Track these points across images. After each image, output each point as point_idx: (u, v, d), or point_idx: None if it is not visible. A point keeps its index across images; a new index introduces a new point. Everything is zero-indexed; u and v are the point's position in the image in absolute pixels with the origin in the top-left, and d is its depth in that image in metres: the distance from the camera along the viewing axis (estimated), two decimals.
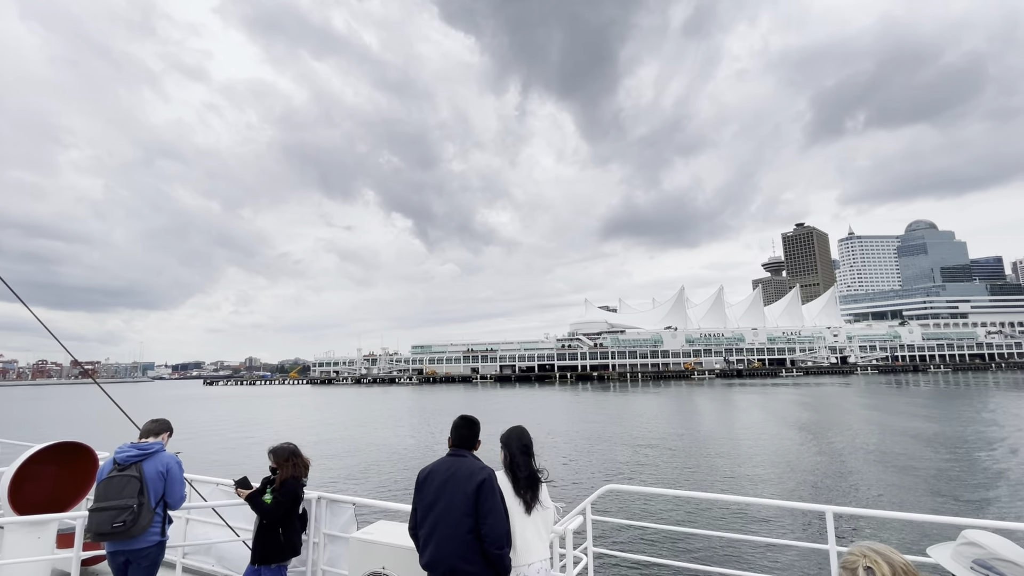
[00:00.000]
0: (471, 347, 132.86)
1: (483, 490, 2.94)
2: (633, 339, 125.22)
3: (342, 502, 4.62)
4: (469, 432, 3.28)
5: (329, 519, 4.60)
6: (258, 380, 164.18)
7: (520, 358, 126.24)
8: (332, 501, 4.62)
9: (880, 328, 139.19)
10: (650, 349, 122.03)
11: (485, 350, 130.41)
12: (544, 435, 27.43)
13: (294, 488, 4.00)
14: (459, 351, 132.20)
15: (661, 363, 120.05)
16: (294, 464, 4.05)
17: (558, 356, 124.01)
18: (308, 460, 4.23)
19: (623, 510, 12.58)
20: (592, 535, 4.18)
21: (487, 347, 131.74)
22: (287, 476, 4.00)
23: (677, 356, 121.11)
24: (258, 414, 50.65)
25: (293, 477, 4.02)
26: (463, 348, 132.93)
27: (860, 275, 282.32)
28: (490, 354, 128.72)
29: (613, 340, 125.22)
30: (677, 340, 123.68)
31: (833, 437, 25.10)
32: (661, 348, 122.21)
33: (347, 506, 4.63)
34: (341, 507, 4.64)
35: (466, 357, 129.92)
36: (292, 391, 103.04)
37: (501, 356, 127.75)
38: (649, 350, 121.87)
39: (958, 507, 13.01)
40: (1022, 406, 37.38)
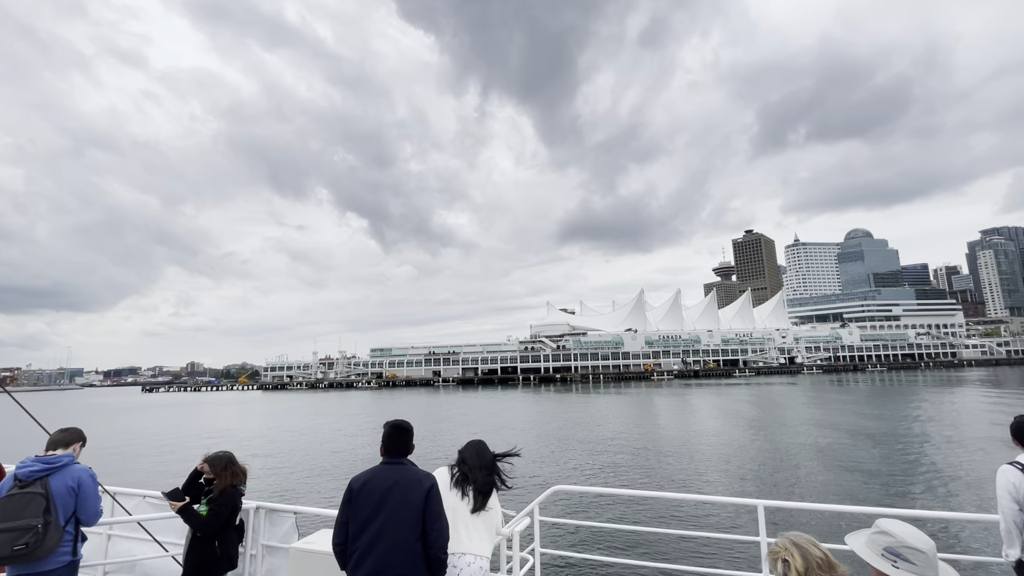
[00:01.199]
0: (432, 350, 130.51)
1: (431, 496, 2.94)
2: (595, 341, 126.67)
3: (283, 511, 4.47)
4: (402, 440, 3.17)
5: (268, 529, 4.44)
6: (204, 386, 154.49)
7: (483, 360, 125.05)
8: (272, 511, 4.46)
9: (823, 330, 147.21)
10: (611, 351, 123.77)
11: (447, 353, 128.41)
12: (501, 439, 26.74)
13: (233, 498, 3.80)
14: (420, 354, 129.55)
15: (622, 364, 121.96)
16: (232, 473, 3.88)
17: (521, 358, 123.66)
18: (245, 468, 4.03)
19: (571, 511, 12.71)
20: (540, 536, 4.24)
21: (449, 349, 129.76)
22: (225, 485, 3.80)
23: (637, 357, 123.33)
24: (202, 422, 47.28)
25: (232, 486, 3.83)
26: (424, 351, 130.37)
27: (805, 279, 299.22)
28: (452, 357, 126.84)
29: (575, 342, 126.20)
30: (637, 342, 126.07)
31: (776, 435, 25.95)
32: (622, 350, 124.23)
33: (288, 515, 4.48)
34: (281, 516, 4.49)
35: (427, 360, 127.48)
36: (242, 397, 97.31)
37: (463, 359, 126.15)
38: (610, 352, 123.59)
39: (877, 497, 13.73)
40: (945, 403, 40.00)
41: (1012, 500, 3.22)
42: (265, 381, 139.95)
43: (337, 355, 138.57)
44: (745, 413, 36.60)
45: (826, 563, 1.76)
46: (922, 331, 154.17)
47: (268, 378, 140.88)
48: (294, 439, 30.90)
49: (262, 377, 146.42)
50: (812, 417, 32.84)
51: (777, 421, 31.76)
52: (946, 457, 18.78)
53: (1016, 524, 3.22)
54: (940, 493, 14.10)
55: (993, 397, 43.70)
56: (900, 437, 23.52)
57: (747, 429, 28.12)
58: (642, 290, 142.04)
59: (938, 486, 14.78)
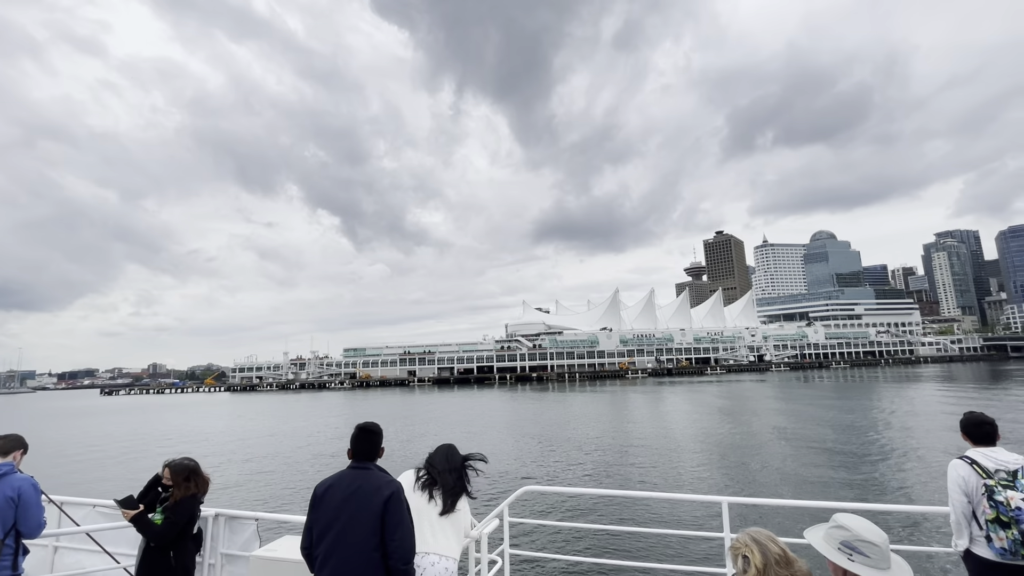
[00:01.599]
0: (407, 349, 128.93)
1: (391, 505, 2.83)
2: (571, 340, 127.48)
3: (243, 518, 4.33)
4: (369, 443, 3.07)
5: (228, 537, 4.29)
6: (167, 388, 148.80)
7: (459, 360, 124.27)
8: (232, 518, 4.31)
9: (790, 328, 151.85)
10: (587, 350, 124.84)
11: (422, 352, 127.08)
12: (475, 438, 26.76)
13: (191, 507, 3.64)
14: (395, 354, 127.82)
15: (597, 363, 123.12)
16: (194, 483, 3.69)
17: (497, 357, 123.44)
18: (209, 478, 3.86)
19: (542, 511, 12.70)
20: (509, 537, 4.22)
21: (424, 349, 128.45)
22: (184, 495, 3.62)
23: (612, 356, 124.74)
24: (168, 425, 45.30)
25: (191, 496, 3.65)
26: (399, 350, 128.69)
27: (773, 279, 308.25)
28: (428, 356, 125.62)
29: (551, 341, 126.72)
30: (612, 341, 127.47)
31: (744, 432, 26.53)
32: (597, 349, 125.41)
33: (249, 522, 4.34)
34: (242, 523, 4.34)
35: (402, 360, 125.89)
36: (208, 399, 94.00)
37: (439, 358, 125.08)
38: (586, 350, 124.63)
39: (835, 492, 14.18)
40: (902, 399, 41.67)
41: (962, 493, 3.39)
42: (233, 382, 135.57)
43: (309, 355, 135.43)
44: (715, 411, 37.29)
45: (784, 559, 1.81)
46: (882, 329, 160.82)
47: (236, 379, 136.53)
48: (261, 442, 29.98)
49: (230, 378, 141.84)
50: (778, 414, 33.67)
51: (745, 419, 32.51)
52: (901, 452, 19.46)
53: (965, 516, 3.40)
54: (894, 487, 14.56)
55: (946, 393, 45.69)
56: (859, 433, 24.28)
57: (716, 427, 28.63)
58: (617, 289, 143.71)
59: (893, 480, 15.28)
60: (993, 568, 3.29)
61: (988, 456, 3.43)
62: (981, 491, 3.32)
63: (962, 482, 3.40)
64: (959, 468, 3.45)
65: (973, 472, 3.38)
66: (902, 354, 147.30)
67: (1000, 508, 3.22)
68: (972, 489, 3.36)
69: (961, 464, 3.46)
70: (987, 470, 3.36)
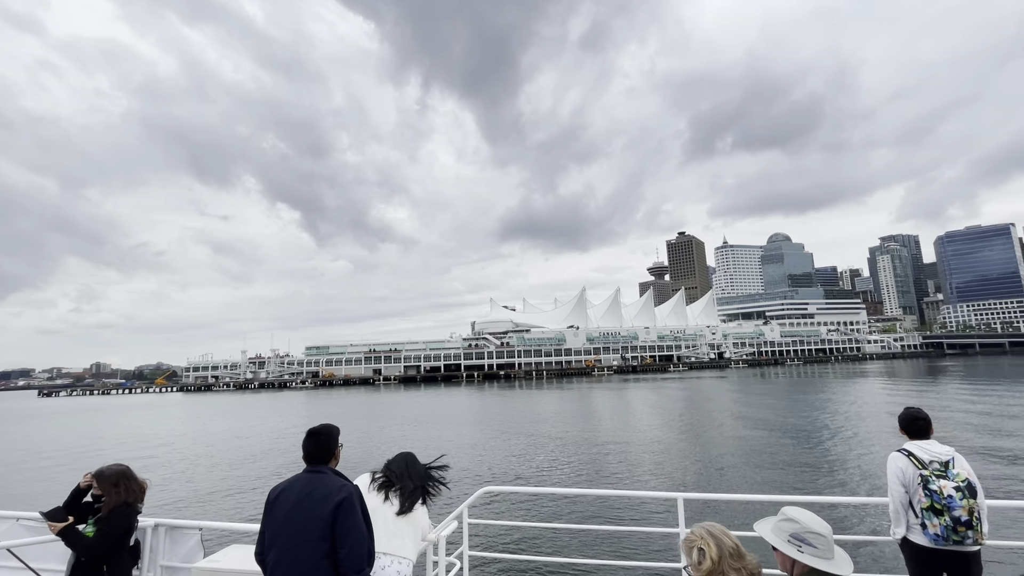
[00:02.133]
0: (373, 347, 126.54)
1: (341, 511, 2.69)
2: (538, 338, 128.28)
3: (186, 528, 4.10)
4: (319, 447, 2.95)
5: (169, 548, 4.06)
6: (114, 389, 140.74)
7: (426, 358, 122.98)
8: (173, 528, 4.08)
9: (748, 327, 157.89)
10: (554, 347, 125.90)
11: (388, 350, 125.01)
12: (435, 441, 26.49)
13: (125, 517, 3.38)
14: (360, 352, 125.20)
15: (564, 361, 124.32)
16: (126, 488, 3.42)
17: (465, 355, 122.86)
18: (145, 483, 3.59)
19: (503, 511, 12.64)
20: (468, 539, 4.16)
21: (390, 347, 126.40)
22: (117, 503, 3.37)
23: (579, 354, 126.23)
24: (116, 429, 42.77)
25: (125, 504, 3.39)
26: (364, 349, 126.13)
27: (732, 279, 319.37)
28: (394, 355, 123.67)
29: (519, 339, 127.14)
30: (579, 339, 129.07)
31: (702, 428, 27.26)
32: (564, 346, 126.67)
33: (192, 532, 4.11)
34: (184, 533, 4.10)
35: (367, 358, 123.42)
36: (159, 400, 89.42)
37: (405, 356, 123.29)
38: (553, 348, 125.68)
39: (786, 485, 14.75)
40: (849, 393, 43.92)
41: (900, 483, 3.63)
42: (187, 382, 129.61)
43: (269, 353, 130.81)
44: (676, 408, 38.11)
45: (736, 552, 1.89)
46: (832, 328, 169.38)
47: (190, 379, 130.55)
48: (214, 445, 28.66)
49: (183, 378, 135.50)
50: (736, 411, 34.74)
51: (704, 415, 33.38)
52: (845, 446, 20.38)
53: (903, 505, 3.63)
54: (839, 479, 15.20)
55: (888, 389, 48.30)
56: (808, 427, 25.31)
57: (676, 424, 29.26)
58: (584, 288, 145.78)
59: (838, 473, 15.97)
60: (927, 553, 3.53)
61: (923, 448, 3.66)
62: (917, 481, 3.54)
63: (900, 473, 3.63)
64: (897, 460, 3.69)
65: (910, 463, 3.61)
66: (850, 351, 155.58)
67: (934, 496, 3.44)
68: (909, 480, 3.58)
69: (899, 456, 3.70)
70: (922, 461, 3.59)
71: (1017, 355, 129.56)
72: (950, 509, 3.39)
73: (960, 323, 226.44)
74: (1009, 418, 25.69)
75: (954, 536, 3.37)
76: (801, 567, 1.99)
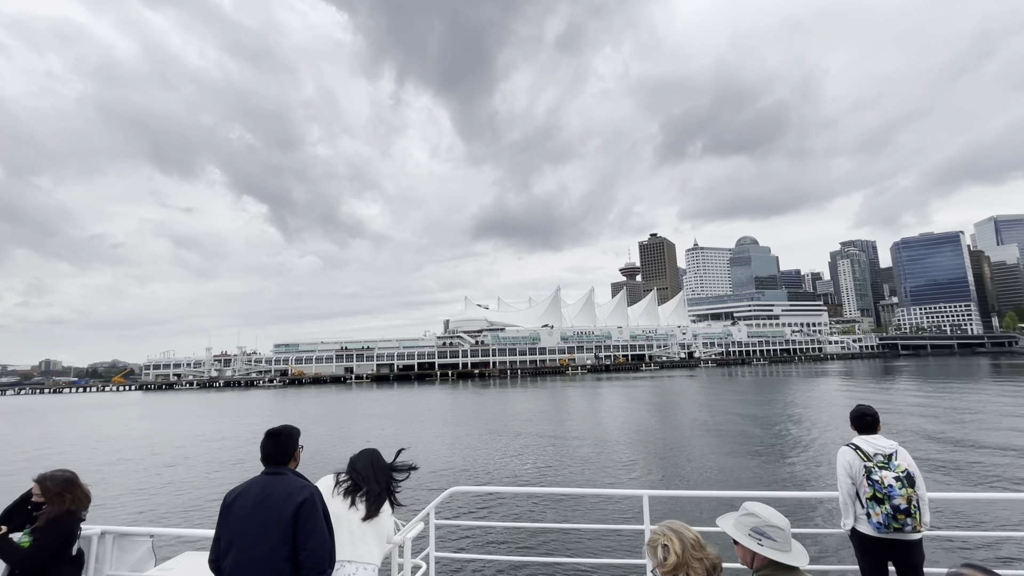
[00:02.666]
0: (345, 345, 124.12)
1: (302, 513, 2.65)
2: (513, 337, 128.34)
3: (136, 535, 3.91)
4: (278, 447, 2.89)
5: (117, 557, 3.84)
6: (67, 387, 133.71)
7: (399, 356, 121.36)
8: (122, 535, 3.87)
9: (717, 327, 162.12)
10: (528, 346, 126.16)
11: (361, 348, 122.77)
12: (405, 440, 26.07)
13: (67, 526, 3.17)
14: (331, 350, 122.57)
15: (539, 360, 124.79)
16: (72, 497, 3.22)
17: (439, 354, 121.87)
18: (89, 490, 3.37)
19: (470, 512, 12.56)
20: (435, 540, 4.15)
21: (363, 345, 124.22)
22: (60, 512, 3.15)
23: (553, 353, 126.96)
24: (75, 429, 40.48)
25: (68, 512, 3.18)
26: (335, 346, 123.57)
27: (702, 280, 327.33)
28: (366, 352, 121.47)
29: (494, 338, 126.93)
30: (553, 338, 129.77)
31: (671, 426, 27.77)
32: (539, 345, 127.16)
33: (143, 539, 3.93)
34: (134, 541, 3.90)
35: (339, 356, 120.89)
36: (116, 400, 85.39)
37: (378, 355, 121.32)
38: (528, 347, 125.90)
39: (746, 481, 15.17)
40: (810, 392, 45.67)
41: (847, 476, 3.89)
42: (147, 380, 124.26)
43: (235, 351, 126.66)
44: (647, 407, 38.67)
45: (697, 543, 1.96)
46: (796, 329, 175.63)
47: (151, 377, 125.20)
48: (172, 446, 27.40)
49: (143, 376, 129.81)
50: (703, 409, 35.55)
51: (673, 413, 34.04)
52: (804, 442, 21.17)
53: (850, 497, 3.89)
54: (798, 474, 15.78)
55: (846, 388, 50.46)
56: (770, 425, 26.08)
57: (646, 422, 29.71)
58: (558, 287, 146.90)
59: (797, 468, 16.56)
60: (873, 542, 3.79)
61: (869, 442, 3.94)
62: (862, 473, 3.81)
63: (848, 466, 3.90)
64: (845, 454, 3.97)
65: (856, 456, 3.89)
66: (813, 352, 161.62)
67: (876, 486, 3.72)
68: (856, 472, 3.85)
69: (847, 450, 3.98)
70: (867, 454, 3.86)
71: (965, 356, 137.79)
72: (890, 498, 3.66)
73: (913, 325, 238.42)
74: (956, 415, 27.11)
75: (894, 523, 3.63)
76: (761, 560, 2.08)
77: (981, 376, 59.24)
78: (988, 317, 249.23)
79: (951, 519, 10.69)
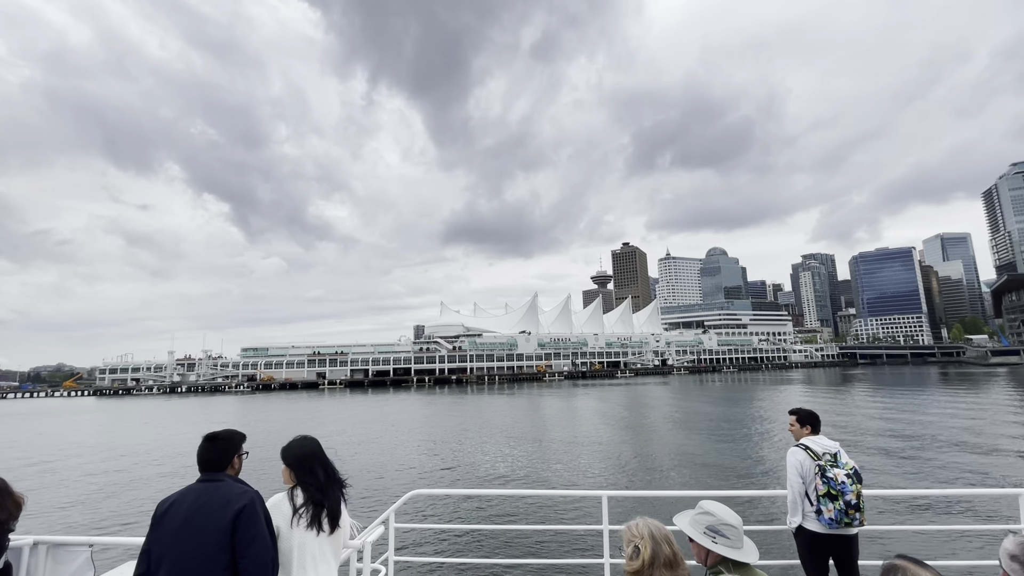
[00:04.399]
0: (317, 350, 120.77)
1: (242, 520, 2.49)
2: (490, 342, 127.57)
3: (72, 545, 3.58)
4: (215, 452, 2.72)
5: (51, 568, 3.53)
6: (10, 392, 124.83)
7: (374, 361, 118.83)
8: (57, 545, 3.56)
9: (689, 335, 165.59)
10: (506, 352, 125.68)
11: (334, 353, 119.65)
12: (374, 443, 25.71)
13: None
14: (302, 354, 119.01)
15: (516, 366, 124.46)
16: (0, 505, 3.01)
17: (415, 359, 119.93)
18: (21, 498, 3.09)
19: (432, 515, 12.60)
20: (395, 544, 4.15)
21: (336, 350, 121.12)
22: None
23: (531, 359, 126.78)
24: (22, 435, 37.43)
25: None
26: (307, 351, 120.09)
27: (674, 289, 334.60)
28: (340, 357, 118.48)
29: (471, 343, 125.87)
30: (530, 344, 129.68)
31: (639, 430, 28.37)
32: (516, 351, 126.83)
33: (80, 549, 3.59)
34: (71, 551, 3.56)
35: (311, 361, 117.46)
36: (67, 406, 79.93)
37: (352, 360, 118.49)
38: (505, 353, 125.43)
39: (703, 482, 15.74)
40: (771, 399, 47.06)
41: (798, 475, 4.06)
42: (102, 385, 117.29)
43: (200, 355, 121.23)
44: (618, 412, 39.18)
45: (672, 561, 1.94)
46: (763, 337, 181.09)
47: (106, 381, 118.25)
48: (125, 454, 25.70)
49: (97, 380, 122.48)
50: (673, 415, 36.48)
51: (642, 419, 34.64)
52: (760, 444, 22.24)
53: (800, 495, 4.05)
54: (752, 473, 16.45)
55: (805, 394, 52.90)
56: (732, 429, 26.99)
57: (615, 427, 30.17)
58: (536, 294, 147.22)
59: (752, 467, 17.32)
60: (818, 539, 3.97)
61: (816, 443, 4.16)
62: (814, 471, 3.99)
63: (799, 466, 4.07)
64: (797, 454, 4.15)
65: (807, 456, 4.07)
66: (779, 360, 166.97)
67: (831, 483, 3.89)
68: (807, 471, 4.04)
69: (797, 451, 4.16)
70: (817, 453, 4.07)
71: (917, 364, 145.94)
72: (843, 494, 3.85)
73: (870, 335, 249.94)
74: (906, 418, 29.11)
75: (845, 519, 3.83)
76: (715, 557, 2.14)
77: (930, 383, 62.70)
78: (937, 328, 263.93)
79: (883, 514, 11.30)
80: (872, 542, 9.03)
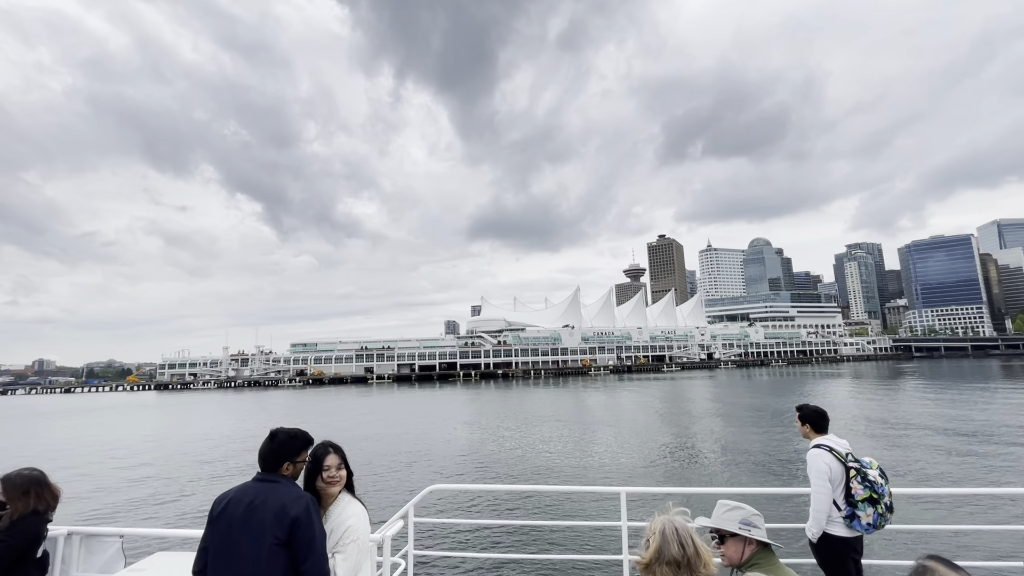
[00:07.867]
0: (365, 345, 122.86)
1: (299, 527, 2.42)
2: (534, 337, 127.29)
3: (105, 536, 3.74)
4: (277, 451, 2.63)
5: (85, 559, 3.68)
6: (79, 387, 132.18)
7: (420, 356, 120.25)
8: (90, 536, 3.72)
9: (734, 328, 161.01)
10: (550, 347, 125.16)
11: (381, 348, 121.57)
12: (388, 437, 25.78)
13: (33, 527, 3.02)
14: (350, 349, 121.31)
15: (560, 360, 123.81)
16: (36, 496, 3.07)
17: (461, 354, 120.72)
18: (58, 490, 3.21)
19: (450, 509, 12.62)
20: (414, 538, 4.18)
21: (383, 345, 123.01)
22: (25, 512, 3.02)
23: (575, 353, 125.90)
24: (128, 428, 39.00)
25: (35, 512, 3.04)
26: (355, 346, 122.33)
27: (716, 281, 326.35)
28: (386, 352, 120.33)
29: (515, 338, 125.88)
30: (574, 338, 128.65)
31: (680, 426, 27.48)
32: (560, 346, 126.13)
33: (112, 539, 3.76)
34: (103, 542, 3.73)
35: (359, 356, 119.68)
36: (134, 400, 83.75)
37: (399, 355, 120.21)
38: (549, 347, 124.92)
39: (725, 479, 15.32)
40: (820, 394, 44.95)
41: (827, 480, 3.59)
42: (162, 380, 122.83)
43: (253, 350, 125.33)
44: (660, 407, 38.26)
45: (685, 563, 1.83)
46: (811, 330, 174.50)
47: (166, 376, 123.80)
48: (177, 447, 26.30)
49: (158, 375, 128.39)
50: (720, 409, 35.20)
51: (685, 414, 33.60)
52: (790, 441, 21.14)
53: (828, 503, 3.59)
54: (775, 471, 15.86)
55: (861, 389, 49.56)
56: (767, 424, 26.10)
57: (656, 422, 29.34)
58: (578, 287, 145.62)
59: (774, 466, 16.69)
60: (845, 543, 3.58)
61: (835, 442, 3.74)
62: (846, 474, 3.56)
63: (828, 470, 3.58)
64: (823, 456, 3.64)
65: (834, 459, 3.62)
66: (828, 353, 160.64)
67: (874, 487, 3.51)
68: (836, 475, 3.58)
69: (823, 452, 3.66)
70: (841, 455, 3.63)
71: (979, 358, 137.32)
72: (883, 496, 3.52)
73: (925, 327, 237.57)
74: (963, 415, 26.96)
75: (883, 521, 3.51)
76: (751, 549, 2.19)
77: (993, 377, 58.17)
78: (998, 320, 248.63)
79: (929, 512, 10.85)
80: (896, 542, 8.66)
